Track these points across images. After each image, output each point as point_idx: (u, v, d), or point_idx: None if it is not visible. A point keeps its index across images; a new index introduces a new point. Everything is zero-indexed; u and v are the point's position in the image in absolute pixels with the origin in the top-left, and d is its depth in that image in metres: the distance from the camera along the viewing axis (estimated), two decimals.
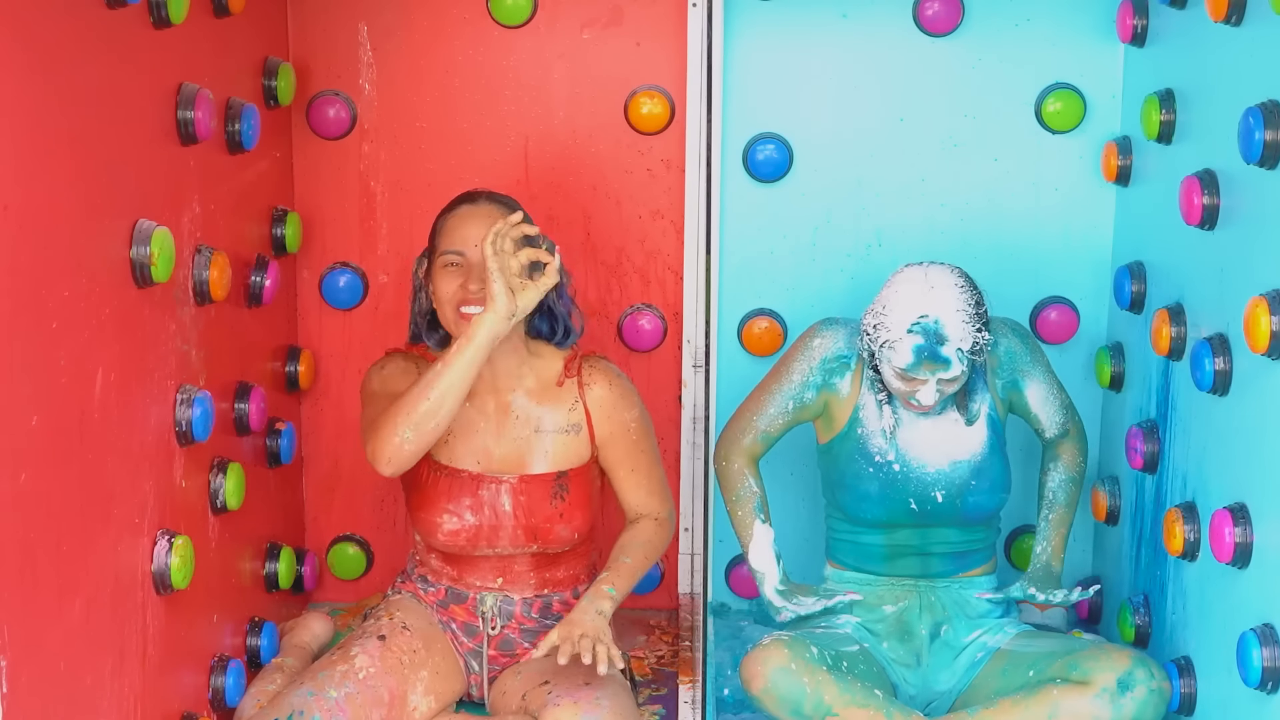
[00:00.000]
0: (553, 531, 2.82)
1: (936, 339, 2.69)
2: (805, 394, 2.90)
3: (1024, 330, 2.96)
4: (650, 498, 2.91)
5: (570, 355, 2.87)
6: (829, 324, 2.92)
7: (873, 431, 2.86)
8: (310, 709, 2.60)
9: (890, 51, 3.18)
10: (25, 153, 1.93)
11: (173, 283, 2.43)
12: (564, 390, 2.85)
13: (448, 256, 2.74)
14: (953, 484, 2.85)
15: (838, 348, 2.88)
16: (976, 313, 2.72)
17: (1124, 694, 2.62)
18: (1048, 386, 2.94)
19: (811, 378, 2.89)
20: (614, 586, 2.76)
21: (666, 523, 2.92)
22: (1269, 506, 2.32)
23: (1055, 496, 2.99)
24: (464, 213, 2.77)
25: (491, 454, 2.83)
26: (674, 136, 3.20)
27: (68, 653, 2.06)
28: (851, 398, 2.88)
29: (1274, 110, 2.24)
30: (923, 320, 2.69)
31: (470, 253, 2.72)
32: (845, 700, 2.67)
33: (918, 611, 2.90)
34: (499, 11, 3.17)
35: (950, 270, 2.75)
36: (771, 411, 2.92)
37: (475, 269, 2.71)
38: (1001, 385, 2.90)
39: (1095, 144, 3.18)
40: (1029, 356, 2.92)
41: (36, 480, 1.96)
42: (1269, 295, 2.24)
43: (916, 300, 2.71)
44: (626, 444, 2.87)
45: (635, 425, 2.87)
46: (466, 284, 2.71)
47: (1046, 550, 2.96)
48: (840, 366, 2.88)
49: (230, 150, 2.74)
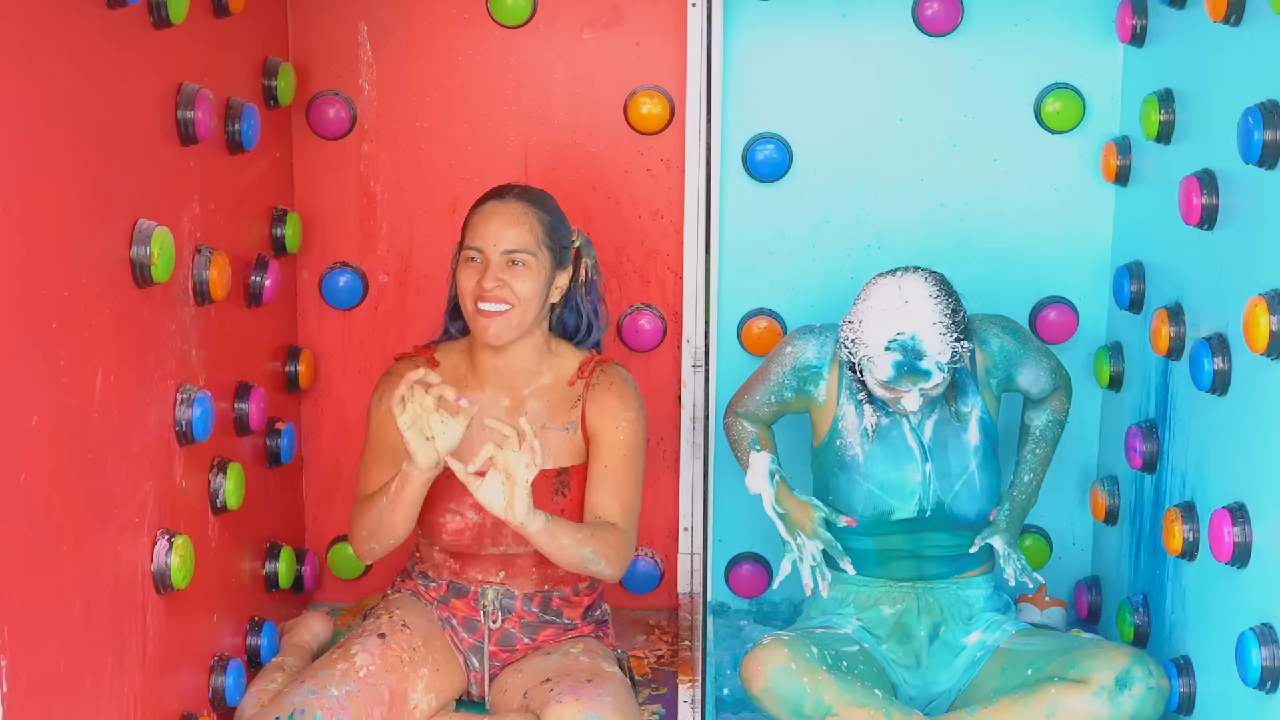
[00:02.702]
0: None
1: (915, 354, 2.67)
2: (784, 393, 2.94)
3: (1013, 325, 2.93)
4: (613, 501, 2.80)
5: (587, 358, 2.87)
6: (802, 333, 2.92)
7: (852, 443, 2.86)
8: (311, 707, 2.60)
9: (890, 51, 3.18)
10: (25, 153, 1.93)
11: (173, 283, 2.43)
12: (573, 389, 2.86)
13: (468, 251, 2.77)
14: (940, 492, 2.85)
15: (807, 358, 2.89)
16: (954, 321, 2.69)
17: (1122, 692, 2.62)
18: (1038, 366, 2.93)
19: (787, 380, 2.92)
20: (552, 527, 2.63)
21: (624, 536, 2.79)
22: (1268, 506, 2.32)
23: (1043, 434, 3.01)
24: (489, 209, 2.78)
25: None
26: (674, 136, 3.20)
27: (68, 653, 2.07)
28: (829, 406, 2.89)
29: (1273, 110, 2.24)
30: (899, 338, 2.67)
31: (489, 250, 2.74)
32: (845, 700, 2.67)
33: (916, 613, 2.90)
34: (499, 11, 3.17)
35: (924, 279, 2.72)
36: (759, 399, 2.98)
37: (492, 267, 2.73)
38: (995, 384, 2.90)
39: (1095, 144, 3.18)
40: (1022, 349, 2.91)
41: (36, 480, 1.96)
42: (1268, 295, 2.24)
43: (891, 316, 2.68)
44: (612, 439, 2.83)
45: (626, 424, 2.84)
46: (483, 281, 2.73)
47: (1032, 482, 2.99)
48: (813, 375, 2.90)
49: (230, 150, 2.74)
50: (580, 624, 2.93)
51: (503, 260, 2.74)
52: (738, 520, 3.32)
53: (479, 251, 2.75)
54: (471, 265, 2.76)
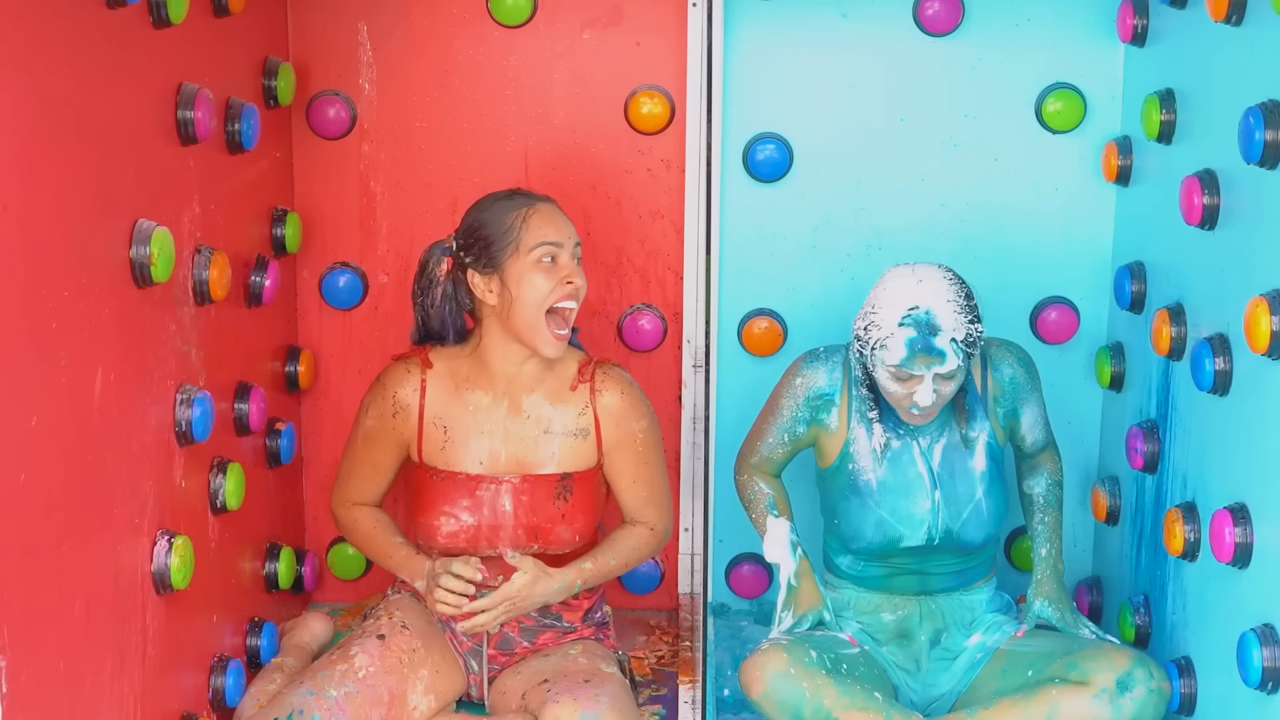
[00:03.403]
0: (554, 532, 2.83)
1: (929, 329, 2.66)
2: (797, 428, 2.90)
3: (1025, 356, 2.93)
4: (648, 508, 2.92)
5: (585, 360, 2.87)
6: (810, 360, 2.89)
7: (865, 467, 2.84)
8: (310, 708, 2.60)
9: (890, 51, 3.18)
10: (25, 152, 1.93)
11: (173, 283, 2.43)
12: (576, 394, 2.85)
13: (545, 248, 2.72)
14: (949, 520, 2.84)
15: (819, 385, 2.87)
16: (968, 304, 2.70)
17: (1123, 694, 2.62)
18: (1038, 409, 2.93)
19: (800, 413, 2.89)
20: (585, 578, 2.83)
21: (661, 535, 2.94)
22: (1269, 506, 2.32)
23: (1046, 500, 2.98)
24: (548, 209, 2.77)
25: (498, 456, 2.83)
26: (674, 136, 3.20)
27: (68, 653, 2.06)
28: (840, 433, 2.87)
29: (1274, 110, 2.24)
30: (914, 311, 2.67)
31: (568, 244, 2.75)
32: (845, 704, 2.67)
33: (918, 619, 2.90)
34: (499, 11, 3.17)
35: (938, 266, 2.74)
36: (771, 441, 2.94)
37: (569, 263, 2.74)
38: (1003, 414, 2.89)
39: (1095, 144, 3.18)
40: (1029, 384, 2.90)
41: (36, 480, 1.96)
42: (1269, 295, 2.24)
43: (906, 294, 2.68)
44: (632, 454, 2.87)
45: (642, 436, 2.88)
46: (571, 277, 2.73)
47: (1051, 553, 2.95)
48: (825, 403, 2.87)
49: (230, 150, 2.74)
50: (580, 626, 2.93)
51: (573, 257, 2.76)
52: (738, 521, 3.31)
53: (557, 245, 2.73)
54: (547, 265, 2.73)
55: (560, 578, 2.78)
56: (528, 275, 2.72)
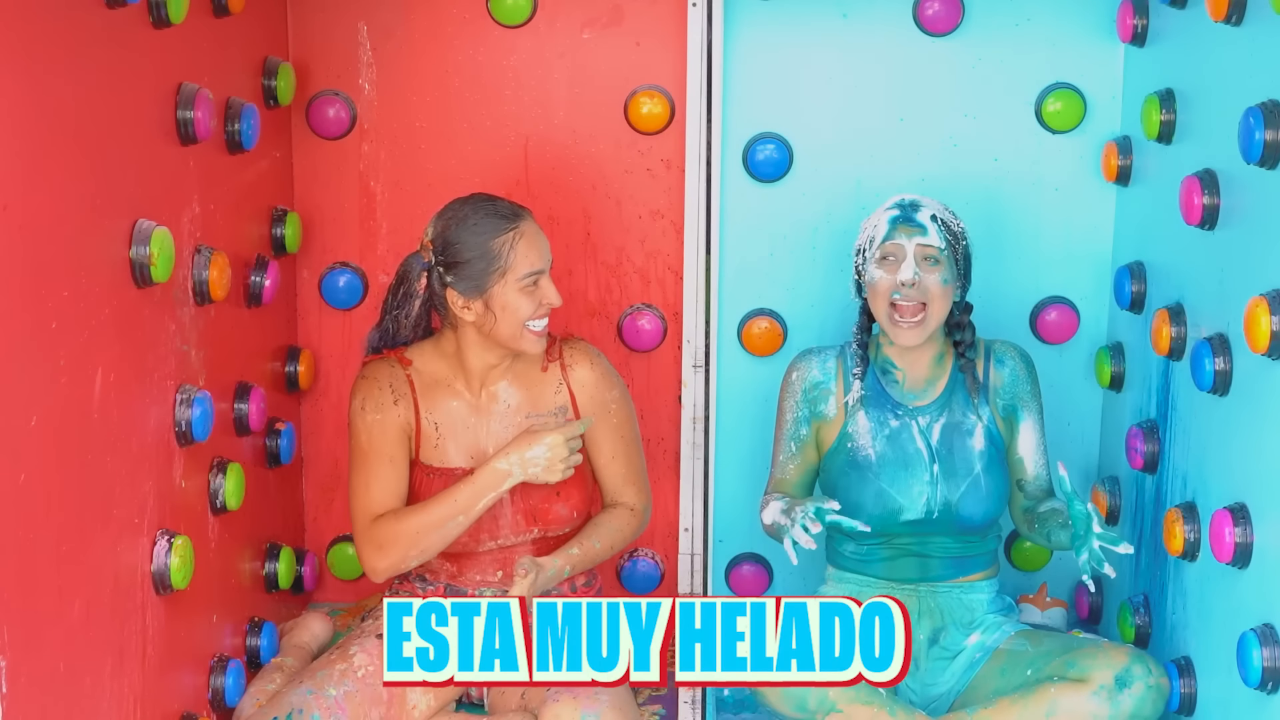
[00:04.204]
0: (551, 511, 2.84)
1: (911, 207, 2.82)
2: (800, 430, 2.93)
3: (1028, 358, 2.94)
4: (627, 486, 2.95)
5: (550, 340, 2.88)
6: (803, 356, 2.98)
7: (863, 445, 2.87)
8: (309, 707, 2.60)
9: (890, 51, 3.18)
10: (25, 152, 1.93)
11: (172, 283, 2.43)
12: (548, 375, 2.88)
13: (533, 277, 2.74)
14: (947, 493, 2.84)
15: (813, 375, 2.93)
16: (955, 218, 2.85)
17: (1121, 691, 2.62)
18: (1039, 434, 2.92)
19: (800, 412, 2.93)
20: (573, 563, 2.83)
21: (641, 513, 2.97)
22: (1269, 506, 2.32)
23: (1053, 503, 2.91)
24: (531, 229, 2.77)
25: (485, 451, 2.83)
26: (674, 136, 3.20)
27: (68, 653, 2.06)
28: (839, 418, 2.91)
29: (1274, 110, 2.24)
30: (899, 201, 2.85)
31: (548, 265, 2.79)
32: (849, 696, 2.68)
33: (916, 616, 2.90)
34: (499, 11, 3.17)
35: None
36: (782, 459, 2.96)
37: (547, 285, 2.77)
38: (1002, 406, 2.90)
39: (1095, 144, 3.18)
40: (1029, 389, 2.91)
41: (36, 480, 1.96)
42: (1269, 295, 2.24)
43: (897, 198, 2.87)
44: (608, 426, 2.90)
45: (615, 407, 2.91)
46: (549, 298, 2.77)
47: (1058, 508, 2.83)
48: (822, 393, 2.92)
49: (230, 150, 2.74)
50: None
51: (547, 274, 2.79)
52: (738, 520, 3.32)
53: (541, 274, 2.76)
54: (531, 289, 2.75)
55: (550, 565, 2.80)
56: (512, 302, 2.74)
